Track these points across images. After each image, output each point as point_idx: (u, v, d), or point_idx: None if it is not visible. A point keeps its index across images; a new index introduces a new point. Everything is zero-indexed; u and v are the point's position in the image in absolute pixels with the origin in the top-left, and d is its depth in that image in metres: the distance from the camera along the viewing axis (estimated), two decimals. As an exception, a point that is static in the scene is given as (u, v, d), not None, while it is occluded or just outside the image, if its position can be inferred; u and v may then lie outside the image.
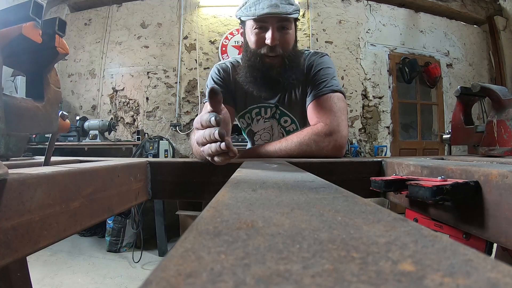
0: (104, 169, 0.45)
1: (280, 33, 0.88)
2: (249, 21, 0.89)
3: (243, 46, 0.96)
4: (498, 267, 0.09)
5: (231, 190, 0.23)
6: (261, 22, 0.87)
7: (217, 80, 1.00)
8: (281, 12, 0.83)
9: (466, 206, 0.38)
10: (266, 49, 0.88)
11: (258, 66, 0.90)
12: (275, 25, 0.86)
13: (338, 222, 0.14)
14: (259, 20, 0.86)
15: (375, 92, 3.52)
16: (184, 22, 3.48)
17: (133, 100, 3.50)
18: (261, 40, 0.88)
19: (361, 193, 0.27)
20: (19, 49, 0.37)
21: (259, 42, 0.88)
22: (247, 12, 0.86)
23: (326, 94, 0.90)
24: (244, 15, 0.88)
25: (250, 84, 0.94)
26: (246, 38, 0.93)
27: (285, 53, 0.89)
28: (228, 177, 0.32)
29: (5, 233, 0.28)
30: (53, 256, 2.34)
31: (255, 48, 0.90)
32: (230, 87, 1.02)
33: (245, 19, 0.89)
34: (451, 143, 0.91)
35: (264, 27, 0.87)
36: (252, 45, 0.90)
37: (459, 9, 3.78)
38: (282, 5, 0.83)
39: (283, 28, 0.88)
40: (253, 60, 0.90)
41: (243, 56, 0.97)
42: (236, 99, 1.03)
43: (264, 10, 0.83)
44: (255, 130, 1.07)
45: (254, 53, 0.90)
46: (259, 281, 0.08)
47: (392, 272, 0.09)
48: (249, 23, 0.89)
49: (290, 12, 0.85)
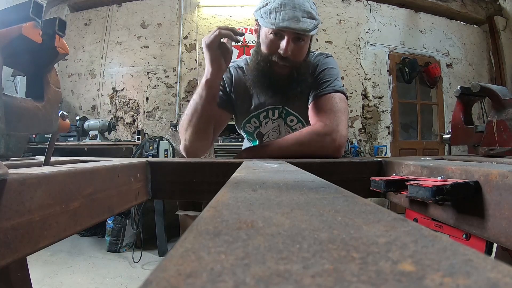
0: (104, 169, 0.45)
1: (295, 44, 0.86)
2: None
3: (255, 46, 0.95)
4: (498, 267, 0.09)
5: (231, 190, 0.23)
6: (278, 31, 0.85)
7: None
8: (300, 29, 0.81)
9: (466, 206, 0.38)
10: (277, 57, 0.87)
11: (267, 72, 0.90)
12: (291, 36, 0.84)
13: (338, 222, 0.14)
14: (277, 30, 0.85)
15: (375, 92, 3.52)
16: (184, 22, 3.48)
17: (133, 100, 3.50)
18: (275, 48, 0.87)
19: (361, 193, 0.27)
20: (19, 49, 0.37)
21: (272, 49, 0.87)
22: (266, 18, 0.84)
23: (328, 94, 0.90)
24: (262, 19, 0.86)
25: (256, 87, 0.95)
26: (260, 39, 0.92)
27: (295, 65, 0.89)
28: (228, 177, 0.32)
29: (5, 233, 0.28)
30: (53, 256, 2.34)
31: (267, 54, 0.89)
32: (229, 91, 1.03)
33: (263, 25, 0.88)
34: (451, 143, 0.91)
35: (280, 35, 0.86)
36: (264, 49, 0.89)
37: (459, 9, 3.78)
38: (304, 19, 0.82)
39: (299, 39, 0.86)
40: (263, 66, 0.90)
41: (253, 57, 0.96)
42: (237, 101, 1.04)
43: (284, 22, 0.81)
44: (264, 132, 1.08)
45: (265, 58, 0.89)
46: (259, 281, 0.08)
47: (392, 272, 0.09)
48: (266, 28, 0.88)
49: (309, 30, 0.83)
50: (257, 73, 0.92)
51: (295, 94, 0.93)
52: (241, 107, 1.04)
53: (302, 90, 0.93)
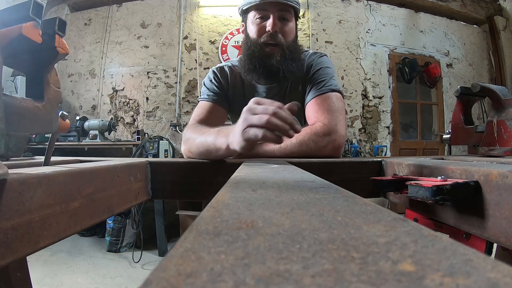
0: (104, 169, 0.45)
1: (281, 23, 0.91)
2: (251, 13, 0.93)
3: (243, 40, 0.99)
4: (498, 267, 0.09)
5: (231, 190, 0.23)
6: (262, 10, 0.90)
7: (213, 82, 1.01)
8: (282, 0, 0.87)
9: (466, 206, 0.38)
10: (266, 36, 0.90)
11: (258, 54, 0.91)
12: (276, 14, 0.89)
13: (338, 222, 0.14)
14: (260, 7, 0.90)
15: (375, 92, 3.52)
16: (184, 22, 3.48)
17: (133, 100, 3.50)
18: (262, 29, 0.91)
19: (361, 193, 0.27)
20: (19, 49, 0.37)
21: (260, 31, 0.91)
22: (250, 0, 0.90)
23: (325, 93, 0.90)
24: (246, 3, 0.92)
25: (249, 72, 0.95)
26: (248, 30, 0.96)
27: (286, 43, 0.91)
28: (228, 177, 0.32)
29: (5, 233, 0.28)
30: (53, 256, 2.34)
31: (256, 38, 0.92)
32: (226, 90, 1.03)
33: (246, 7, 0.93)
34: (451, 143, 0.91)
35: (265, 16, 0.91)
36: (253, 35, 0.93)
37: (459, 9, 3.78)
38: None
39: (284, 19, 0.91)
40: (253, 49, 0.92)
41: (243, 49, 0.98)
42: (234, 101, 1.03)
43: None
44: None
45: (255, 42, 0.92)
46: (259, 281, 0.08)
47: (392, 272, 0.09)
48: (251, 14, 0.93)
49: (291, 0, 0.89)
50: (248, 57, 0.93)
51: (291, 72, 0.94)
52: (237, 105, 1.03)
53: (297, 67, 0.94)
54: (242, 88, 1.01)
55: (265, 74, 0.93)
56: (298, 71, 0.94)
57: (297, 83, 0.98)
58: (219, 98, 0.99)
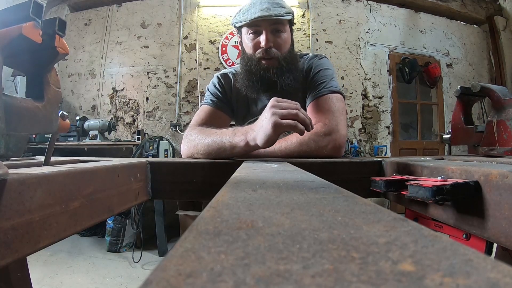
0: (104, 169, 0.45)
1: (274, 36, 0.91)
2: (244, 28, 0.93)
3: (241, 55, 1.00)
4: (498, 267, 0.09)
5: (231, 190, 0.23)
6: (255, 26, 0.90)
7: (217, 88, 1.02)
8: (272, 15, 0.86)
9: (466, 206, 0.38)
10: (261, 52, 0.91)
11: (255, 69, 0.92)
12: (268, 29, 0.89)
13: (338, 222, 0.14)
14: (252, 24, 0.90)
15: (375, 92, 3.52)
16: (184, 22, 3.48)
17: (133, 100, 3.50)
18: (257, 45, 0.91)
19: (361, 193, 0.27)
20: (19, 49, 0.37)
21: (255, 47, 0.92)
22: (241, 18, 0.91)
23: (325, 95, 0.91)
24: (238, 21, 0.92)
25: (248, 88, 0.96)
26: (243, 45, 0.97)
27: (281, 56, 0.92)
28: (228, 177, 0.32)
29: (5, 233, 0.28)
30: (53, 256, 2.34)
31: (251, 53, 0.93)
32: (229, 97, 1.04)
33: (239, 25, 0.93)
34: (451, 143, 0.91)
35: (258, 31, 0.91)
36: (248, 51, 0.94)
37: (459, 9, 3.78)
38: (274, 8, 0.87)
39: (277, 31, 0.91)
40: (249, 65, 0.93)
41: (240, 64, 0.99)
42: (237, 108, 1.04)
43: (256, 14, 0.87)
44: None
45: (250, 58, 0.93)
46: (259, 281, 0.08)
47: (392, 272, 0.09)
48: (245, 30, 0.93)
49: (282, 14, 0.88)
50: (246, 73, 0.94)
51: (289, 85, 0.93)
52: (240, 111, 1.05)
53: (294, 78, 0.93)
54: (245, 95, 1.01)
55: (263, 88, 0.95)
56: (295, 82, 0.94)
57: (297, 90, 0.98)
58: (222, 104, 1.01)
